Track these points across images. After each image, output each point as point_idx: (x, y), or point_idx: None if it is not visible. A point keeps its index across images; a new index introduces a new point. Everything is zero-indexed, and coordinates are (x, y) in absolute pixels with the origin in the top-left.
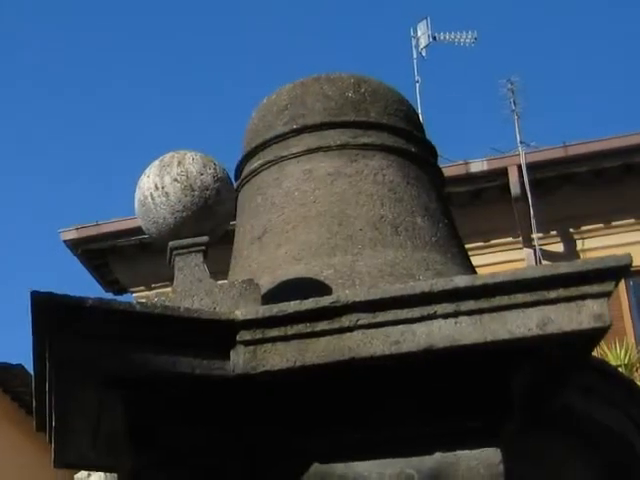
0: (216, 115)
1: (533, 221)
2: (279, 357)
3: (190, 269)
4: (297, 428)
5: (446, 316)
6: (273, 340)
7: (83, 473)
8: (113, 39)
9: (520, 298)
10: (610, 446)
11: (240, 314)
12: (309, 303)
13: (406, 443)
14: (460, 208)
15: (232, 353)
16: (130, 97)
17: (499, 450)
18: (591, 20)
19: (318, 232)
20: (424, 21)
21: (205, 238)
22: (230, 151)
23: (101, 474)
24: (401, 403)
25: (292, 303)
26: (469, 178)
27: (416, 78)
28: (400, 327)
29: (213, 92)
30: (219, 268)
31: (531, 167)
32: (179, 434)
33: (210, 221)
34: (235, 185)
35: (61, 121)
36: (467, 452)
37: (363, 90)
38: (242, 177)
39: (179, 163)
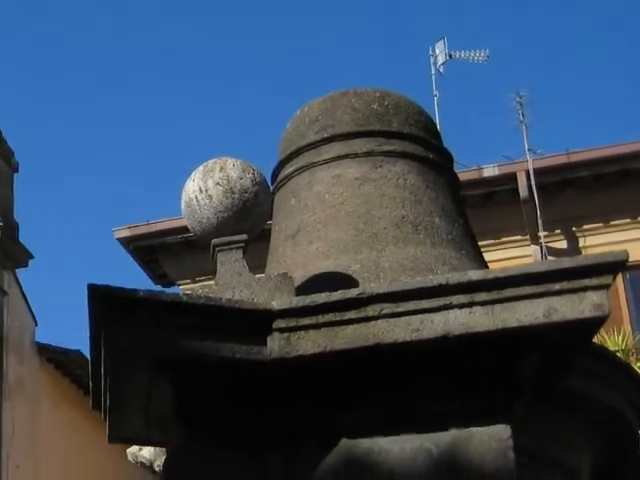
0: (255, 125)
1: (539, 221)
2: (311, 343)
3: (231, 264)
4: (327, 407)
5: (461, 306)
6: (305, 328)
7: (135, 448)
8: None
9: (528, 290)
10: (610, 423)
11: (276, 304)
12: (338, 295)
13: (425, 420)
14: (474, 209)
15: (269, 339)
16: (178, 109)
17: (509, 426)
18: (591, 41)
19: (346, 231)
20: (441, 41)
21: (244, 236)
22: (267, 158)
23: (151, 448)
24: (420, 385)
25: (323, 294)
26: (482, 182)
27: (434, 92)
28: (420, 316)
29: (254, 105)
30: (257, 263)
31: (537, 172)
32: (221, 412)
33: (249, 221)
34: (271, 188)
35: (114, 129)
36: (480, 428)
37: (387, 103)
38: (277, 181)
39: (221, 168)
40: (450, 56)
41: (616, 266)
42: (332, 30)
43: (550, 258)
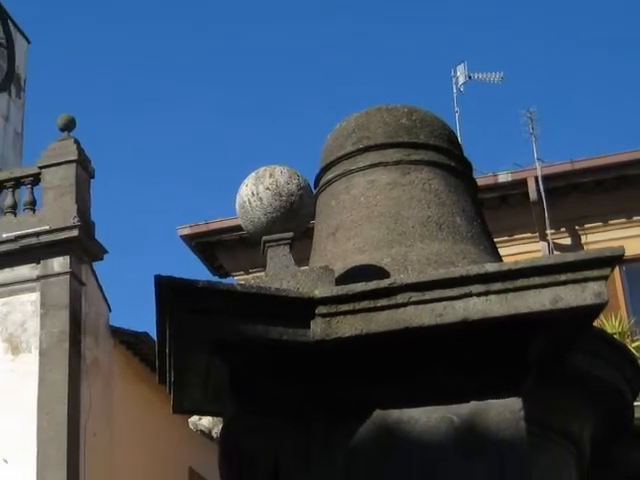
0: (301, 136)
1: (547, 220)
2: (348, 326)
3: (279, 258)
4: (362, 382)
5: (479, 294)
6: (344, 313)
7: (195, 417)
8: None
9: (537, 280)
10: (608, 396)
11: (318, 293)
12: (372, 284)
13: (447, 394)
14: (489, 210)
15: (312, 323)
16: (233, 124)
17: (520, 400)
18: (592, 64)
19: (379, 229)
20: (462, 64)
21: (291, 234)
22: (311, 165)
23: (210, 418)
24: (443, 363)
25: (359, 284)
26: (496, 187)
27: (455, 109)
28: (443, 303)
29: (300, 119)
30: (301, 257)
31: (545, 178)
32: (270, 387)
33: (294, 221)
34: (314, 192)
35: (179, 143)
36: (495, 401)
37: (414, 118)
38: (319, 186)
39: (270, 175)
40: (469, 77)
41: (614, 260)
42: (367, 54)
43: (556, 253)
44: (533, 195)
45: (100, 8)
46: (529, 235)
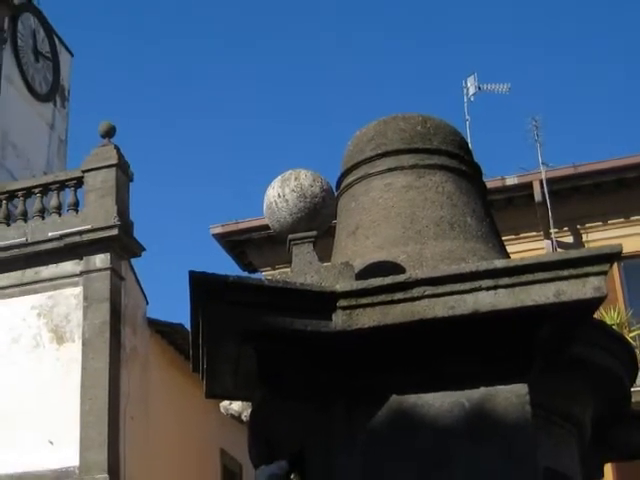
0: (324, 142)
1: (550, 220)
2: (367, 318)
3: (303, 255)
4: (381, 369)
5: (488, 288)
6: (363, 306)
7: (226, 402)
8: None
9: (541, 276)
10: (607, 382)
11: (339, 287)
12: (389, 279)
13: (459, 380)
14: (497, 211)
15: (333, 315)
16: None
17: (526, 385)
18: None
19: (395, 228)
20: (472, 76)
21: (314, 232)
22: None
23: (239, 402)
24: (455, 352)
25: (377, 279)
26: (504, 189)
27: (466, 117)
28: (455, 296)
29: (323, 125)
30: (324, 254)
31: (549, 181)
32: (295, 373)
33: (318, 220)
34: (336, 194)
35: (210, 149)
36: (503, 387)
37: (428, 125)
38: (341, 188)
39: (296, 178)
40: (479, 88)
41: (612, 256)
42: (386, 66)
43: (559, 250)
44: (538, 197)
45: (136, 23)
46: (534, 234)
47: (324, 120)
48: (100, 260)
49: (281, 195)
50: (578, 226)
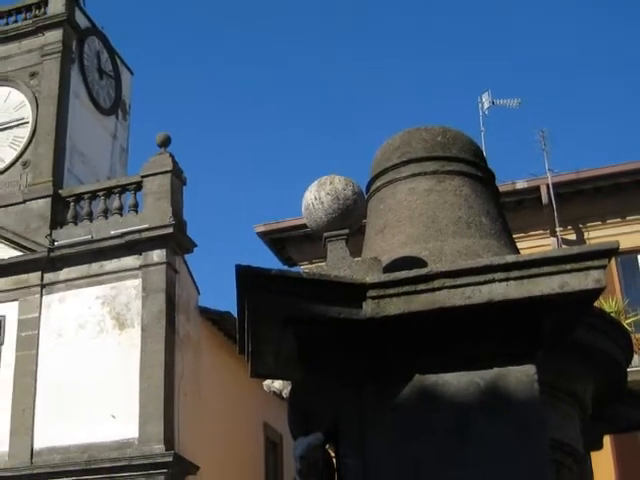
0: (355, 150)
1: (556, 220)
2: (394, 307)
3: (337, 250)
4: (405, 352)
5: (500, 280)
6: (390, 296)
7: (269, 381)
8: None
9: (547, 269)
10: (606, 363)
11: (369, 279)
12: (413, 272)
13: (475, 361)
14: (509, 212)
15: (364, 304)
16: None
17: (534, 366)
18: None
19: (418, 227)
20: (486, 92)
21: (346, 231)
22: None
23: (280, 381)
24: (471, 336)
25: (402, 272)
26: (515, 192)
27: (481, 128)
28: (471, 287)
29: (355, 135)
30: (355, 250)
31: (555, 185)
32: (330, 355)
33: (350, 220)
34: (366, 197)
35: (256, 155)
36: (514, 367)
37: (448, 136)
38: (370, 191)
39: (330, 182)
40: (493, 103)
41: (611, 252)
42: (411, 83)
43: (563, 247)
44: (544, 199)
45: (186, 44)
46: (541, 232)
47: (355, 131)
48: (157, 255)
49: (317, 198)
50: (580, 225)
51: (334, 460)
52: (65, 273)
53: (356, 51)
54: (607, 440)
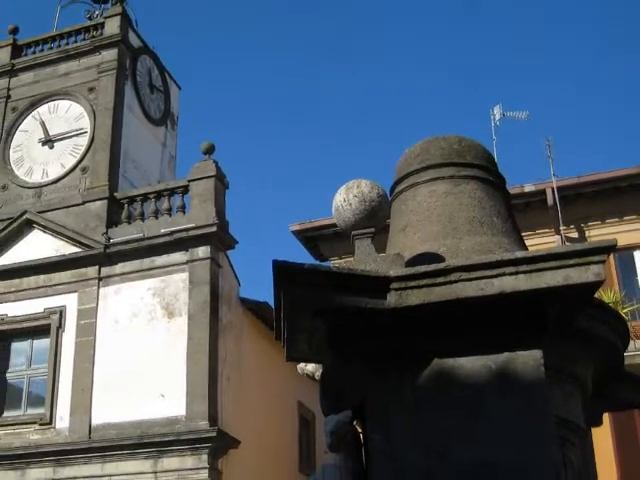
0: (380, 157)
1: (560, 220)
2: (415, 297)
3: (363, 247)
4: (425, 338)
5: (510, 274)
6: (411, 288)
7: (302, 364)
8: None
9: (553, 264)
10: (604, 348)
11: (392, 273)
12: (432, 266)
13: (487, 347)
14: (518, 212)
15: (388, 295)
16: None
17: (540, 351)
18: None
19: (436, 226)
20: (498, 105)
21: (372, 229)
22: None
23: (313, 364)
24: (484, 324)
25: (422, 267)
26: (523, 195)
27: (493, 138)
28: (484, 280)
29: (380, 143)
30: (380, 246)
31: (559, 189)
32: (357, 341)
33: (375, 220)
34: (389, 199)
35: (292, 161)
36: (522, 352)
37: (463, 144)
38: (393, 194)
39: (357, 186)
40: (503, 115)
41: (609, 249)
42: (430, 97)
43: (567, 244)
44: (550, 201)
45: (226, 58)
46: (547, 231)
47: (380, 139)
48: (202, 251)
49: (346, 200)
50: (582, 224)
51: (361, 435)
52: (120, 267)
53: (382, 67)
54: (606, 417)
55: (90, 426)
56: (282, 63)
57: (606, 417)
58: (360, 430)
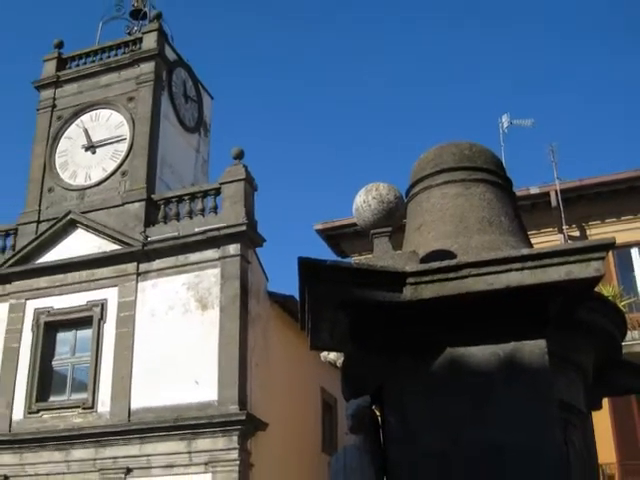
0: (396, 161)
1: (563, 220)
2: (428, 291)
3: (382, 245)
4: (438, 329)
5: (517, 270)
6: (425, 282)
7: (325, 353)
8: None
9: (556, 260)
10: (604, 338)
11: (408, 268)
12: (444, 263)
13: (496, 336)
14: (524, 213)
15: (404, 289)
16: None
17: (545, 340)
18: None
19: (449, 225)
20: (506, 114)
21: (389, 228)
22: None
23: (335, 353)
24: (493, 315)
25: (435, 263)
26: (529, 197)
27: (501, 144)
28: (493, 275)
29: (396, 151)
30: (396, 244)
31: (562, 191)
32: (375, 332)
33: (392, 219)
34: (405, 200)
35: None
36: (528, 341)
37: (473, 150)
38: (409, 196)
39: (376, 189)
40: (511, 122)
41: (608, 246)
42: (444, 107)
43: (569, 242)
44: (553, 202)
45: (254, 69)
46: (550, 229)
47: (396, 145)
48: (233, 249)
49: (365, 201)
50: (583, 224)
51: (379, 418)
52: (157, 263)
53: (402, 79)
54: (605, 401)
55: (129, 410)
56: (304, 72)
57: (605, 401)
58: (378, 414)
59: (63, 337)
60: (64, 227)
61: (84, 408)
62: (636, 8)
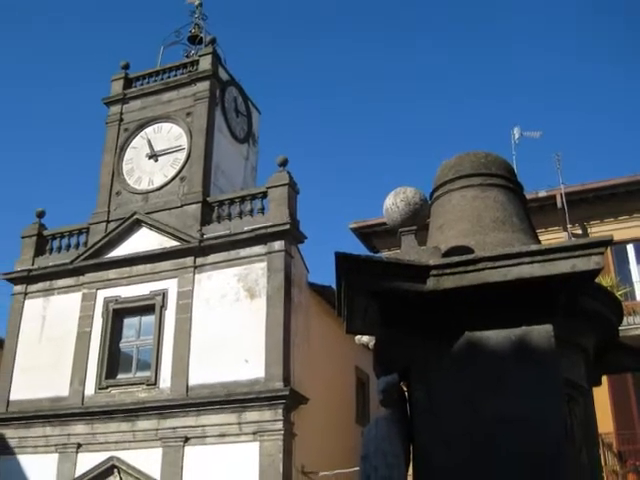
0: (420, 168)
1: (567, 220)
2: (450, 282)
3: (408, 241)
4: (458, 315)
5: (527, 263)
6: (447, 274)
7: (359, 336)
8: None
9: (561, 255)
10: (603, 323)
11: (431, 262)
12: (463, 257)
13: (508, 321)
14: (533, 213)
15: (427, 280)
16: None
17: (552, 325)
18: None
19: (467, 224)
20: (517, 127)
21: (415, 227)
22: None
23: (367, 336)
24: (506, 303)
25: (455, 257)
26: (537, 199)
27: (513, 153)
28: (506, 268)
29: (419, 158)
30: (421, 241)
31: (567, 194)
32: (402, 319)
33: (417, 219)
34: (429, 202)
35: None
36: (537, 326)
37: (489, 158)
38: (432, 198)
39: (403, 192)
40: (521, 134)
41: (607, 243)
42: (462, 121)
43: (573, 239)
44: (559, 204)
45: (298, 85)
46: (556, 228)
47: (421, 153)
48: (278, 245)
49: (394, 203)
50: (585, 223)
51: (406, 393)
52: (211, 258)
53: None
54: (604, 378)
55: (187, 386)
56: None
57: (604, 379)
58: (405, 389)
59: (129, 322)
60: (130, 226)
61: (148, 384)
62: (635, 17)
